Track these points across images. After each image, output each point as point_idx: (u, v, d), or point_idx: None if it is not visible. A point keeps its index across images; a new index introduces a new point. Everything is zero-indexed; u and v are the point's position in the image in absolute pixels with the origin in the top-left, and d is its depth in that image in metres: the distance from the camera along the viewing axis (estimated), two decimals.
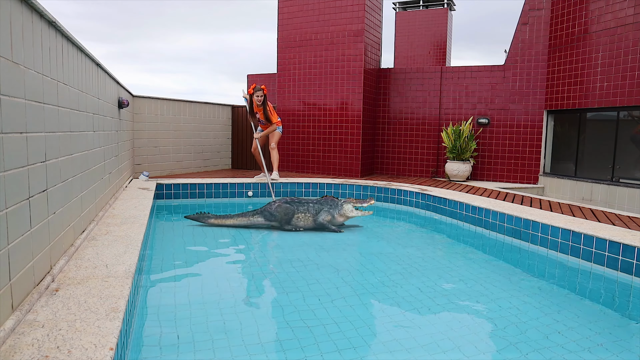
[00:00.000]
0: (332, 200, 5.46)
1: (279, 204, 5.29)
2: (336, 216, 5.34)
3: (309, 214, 5.30)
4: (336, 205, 5.37)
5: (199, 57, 49.82)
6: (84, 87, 3.66)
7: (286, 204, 5.30)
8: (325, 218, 5.29)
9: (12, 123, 1.99)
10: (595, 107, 7.41)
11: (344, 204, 5.36)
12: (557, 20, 8.01)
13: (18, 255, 2.03)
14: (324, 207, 5.36)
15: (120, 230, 3.69)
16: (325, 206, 5.37)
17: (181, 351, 2.41)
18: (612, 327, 2.94)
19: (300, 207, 5.32)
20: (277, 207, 5.27)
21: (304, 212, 5.31)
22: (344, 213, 5.34)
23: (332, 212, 5.33)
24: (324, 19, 8.82)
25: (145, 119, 7.91)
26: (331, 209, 5.35)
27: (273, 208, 5.28)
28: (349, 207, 5.34)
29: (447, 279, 3.82)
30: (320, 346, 2.50)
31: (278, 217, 5.24)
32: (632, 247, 3.72)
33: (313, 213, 5.31)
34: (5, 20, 1.94)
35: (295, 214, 5.28)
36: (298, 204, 5.34)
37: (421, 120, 9.19)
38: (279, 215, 5.23)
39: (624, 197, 6.89)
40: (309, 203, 5.38)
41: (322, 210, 5.33)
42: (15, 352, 1.68)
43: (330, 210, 5.34)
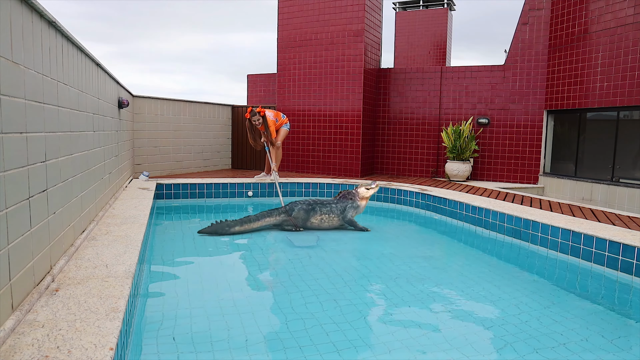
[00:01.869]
0: (348, 192, 5.51)
1: (301, 206, 5.29)
2: (358, 203, 5.42)
3: (333, 215, 5.32)
4: (354, 195, 5.45)
5: (199, 57, 49.82)
6: (84, 87, 3.66)
7: (308, 205, 5.31)
8: (354, 214, 5.37)
9: (12, 123, 1.99)
10: (595, 107, 7.41)
11: (357, 189, 5.48)
12: (557, 20, 8.01)
13: (18, 255, 2.03)
14: (347, 203, 5.40)
15: (120, 230, 3.69)
16: (347, 202, 5.41)
17: (181, 351, 2.41)
18: (612, 327, 2.94)
19: (323, 208, 5.31)
20: (299, 209, 5.26)
21: (328, 212, 5.31)
22: (362, 195, 5.43)
23: (354, 205, 5.40)
24: (324, 19, 8.82)
25: (145, 119, 7.91)
26: (353, 203, 5.40)
27: (296, 210, 5.27)
28: (362, 189, 5.46)
29: (447, 279, 3.82)
30: (319, 347, 2.50)
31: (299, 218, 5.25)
32: (632, 247, 3.72)
33: (337, 213, 5.33)
34: (5, 20, 1.94)
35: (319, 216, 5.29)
36: (321, 205, 5.33)
37: (421, 120, 9.19)
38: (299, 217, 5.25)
39: (624, 197, 6.89)
40: (332, 203, 5.38)
41: (348, 207, 5.37)
42: (15, 352, 1.68)
43: (353, 204, 5.40)
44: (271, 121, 7.18)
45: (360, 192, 5.47)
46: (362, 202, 5.43)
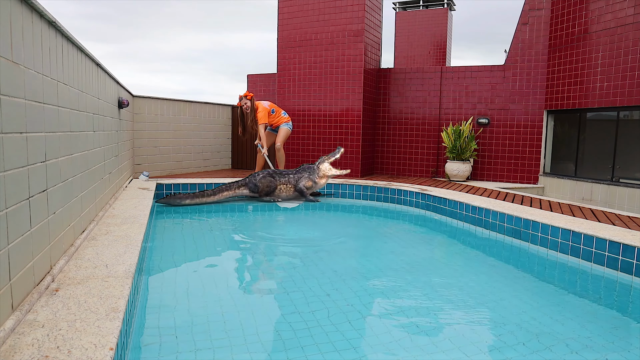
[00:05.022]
0: (309, 166, 5.58)
1: (263, 175, 5.41)
2: (317, 180, 5.46)
3: (290, 185, 5.41)
4: (313, 170, 5.50)
5: (198, 57, 49.84)
6: (84, 87, 3.66)
7: (269, 176, 5.39)
8: (306, 184, 5.44)
9: (12, 123, 1.99)
10: (595, 107, 7.41)
11: (319, 165, 5.52)
12: (557, 20, 8.01)
13: (18, 255, 2.03)
14: (304, 174, 5.47)
15: (120, 230, 3.69)
16: (305, 173, 5.48)
17: (181, 351, 2.41)
18: (612, 327, 2.94)
19: (281, 178, 5.44)
20: (261, 178, 5.38)
21: (286, 183, 5.43)
22: (324, 173, 5.49)
23: (312, 177, 5.46)
24: (324, 19, 8.82)
25: (145, 119, 7.90)
26: (311, 175, 5.47)
27: (257, 179, 5.38)
28: (326, 165, 5.49)
29: (447, 279, 3.82)
30: (320, 346, 2.50)
31: (261, 187, 5.33)
32: (632, 247, 3.72)
33: (294, 183, 5.40)
34: (5, 20, 1.94)
35: (277, 185, 5.39)
36: (280, 175, 5.46)
37: (421, 120, 9.19)
38: (262, 186, 5.33)
39: (624, 197, 6.89)
40: (290, 174, 5.49)
41: (302, 178, 5.44)
42: (15, 352, 1.68)
43: (310, 177, 5.46)
44: (263, 107, 7.26)
45: (322, 168, 5.52)
46: (321, 180, 5.50)
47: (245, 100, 7.06)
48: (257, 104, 7.45)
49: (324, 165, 5.48)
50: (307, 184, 5.40)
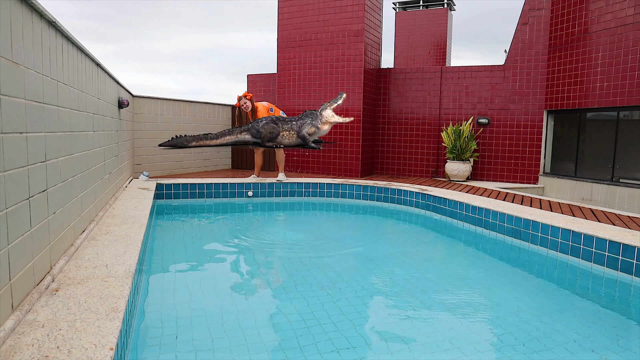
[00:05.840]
0: (311, 112, 5.59)
1: (266, 121, 5.44)
2: (319, 126, 5.47)
3: (292, 132, 5.44)
4: (316, 116, 5.50)
5: (198, 57, 49.82)
6: (84, 87, 3.66)
7: (272, 122, 5.41)
8: (309, 130, 5.45)
9: (12, 123, 1.99)
10: (595, 107, 7.41)
11: (322, 112, 5.53)
12: (557, 20, 8.01)
13: (18, 255, 2.03)
14: (307, 119, 5.48)
15: (120, 230, 3.69)
16: (307, 119, 5.49)
17: (181, 351, 2.41)
18: (612, 327, 2.94)
19: (284, 125, 5.47)
20: (264, 124, 5.41)
21: (288, 129, 5.45)
22: (327, 119, 5.49)
23: (315, 124, 5.46)
24: (324, 19, 8.82)
25: (145, 119, 7.90)
26: (313, 121, 5.48)
27: (260, 125, 5.40)
28: (329, 112, 5.51)
29: (447, 279, 3.82)
30: (319, 346, 2.50)
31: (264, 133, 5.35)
32: (632, 247, 3.72)
33: (296, 129, 5.42)
34: (5, 20, 1.94)
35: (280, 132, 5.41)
36: (282, 122, 5.49)
37: (421, 120, 9.19)
38: (265, 132, 5.35)
39: (624, 197, 6.89)
40: (292, 120, 5.52)
41: (305, 124, 5.45)
42: (15, 352, 1.68)
43: (312, 122, 5.47)
44: (262, 106, 7.22)
45: (324, 115, 5.53)
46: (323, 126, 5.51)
47: (245, 100, 7.04)
48: (256, 105, 7.46)
49: (327, 111, 5.48)
50: (310, 131, 5.40)
